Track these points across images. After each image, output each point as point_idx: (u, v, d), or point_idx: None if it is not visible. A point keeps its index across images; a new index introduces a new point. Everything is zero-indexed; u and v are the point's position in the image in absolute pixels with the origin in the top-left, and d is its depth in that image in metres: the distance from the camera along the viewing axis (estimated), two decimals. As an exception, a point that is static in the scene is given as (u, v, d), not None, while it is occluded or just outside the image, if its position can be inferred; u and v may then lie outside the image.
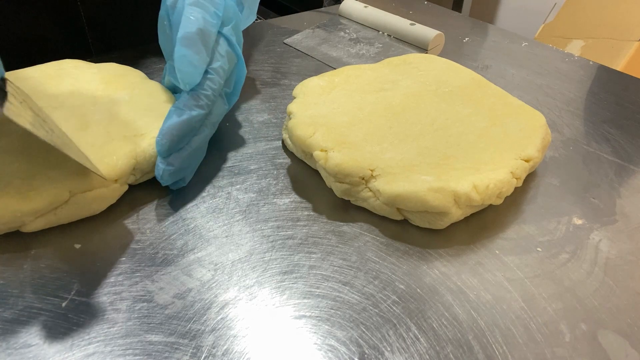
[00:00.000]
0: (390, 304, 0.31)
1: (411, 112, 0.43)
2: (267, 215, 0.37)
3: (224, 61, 0.39)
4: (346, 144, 0.38)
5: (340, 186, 0.37)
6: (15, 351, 0.27)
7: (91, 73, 0.44)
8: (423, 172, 0.36)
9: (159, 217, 0.37)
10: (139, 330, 0.29)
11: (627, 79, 0.60)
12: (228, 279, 0.32)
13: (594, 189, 0.42)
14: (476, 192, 0.35)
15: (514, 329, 0.30)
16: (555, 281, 0.33)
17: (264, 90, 0.53)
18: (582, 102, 0.55)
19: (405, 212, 0.37)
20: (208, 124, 0.39)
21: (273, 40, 0.66)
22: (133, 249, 0.34)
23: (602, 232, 0.37)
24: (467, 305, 0.31)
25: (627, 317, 0.31)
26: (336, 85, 0.46)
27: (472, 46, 0.67)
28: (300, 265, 0.33)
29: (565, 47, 1.30)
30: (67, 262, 0.33)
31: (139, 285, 0.31)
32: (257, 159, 0.43)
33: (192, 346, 0.28)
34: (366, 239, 0.36)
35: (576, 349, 0.29)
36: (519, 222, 0.38)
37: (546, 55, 0.65)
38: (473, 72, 0.49)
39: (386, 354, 0.28)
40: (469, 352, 0.29)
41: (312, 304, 0.31)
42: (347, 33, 0.66)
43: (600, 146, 0.47)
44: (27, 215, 0.33)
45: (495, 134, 0.40)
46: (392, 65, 0.50)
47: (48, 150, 0.36)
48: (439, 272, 0.34)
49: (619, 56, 1.17)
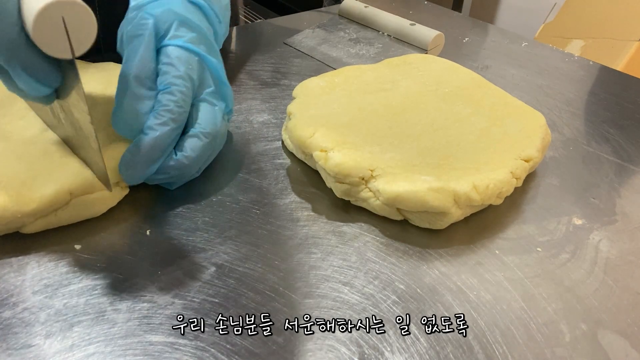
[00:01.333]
0: (390, 304, 0.31)
1: (411, 113, 0.43)
2: (267, 216, 0.37)
3: (175, 68, 0.36)
4: (346, 144, 0.38)
5: (340, 186, 0.37)
6: (15, 351, 0.27)
7: (90, 73, 0.44)
8: (423, 172, 0.36)
9: (159, 218, 0.37)
10: (139, 330, 0.29)
11: (627, 79, 0.60)
12: (228, 279, 0.32)
13: (594, 189, 0.41)
14: (476, 192, 0.35)
15: (514, 329, 0.30)
16: (555, 281, 0.33)
17: (264, 90, 0.53)
18: (582, 102, 0.55)
19: (405, 212, 0.37)
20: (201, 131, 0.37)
21: (273, 40, 0.66)
22: (133, 249, 0.34)
23: (602, 232, 0.37)
24: (467, 305, 0.31)
25: (627, 317, 0.31)
26: (336, 86, 0.46)
27: (472, 46, 0.67)
28: (300, 265, 0.33)
29: (565, 47, 1.30)
30: (67, 263, 0.33)
31: (139, 285, 0.31)
32: (257, 159, 0.43)
33: (192, 346, 0.28)
34: (366, 239, 0.36)
35: (576, 349, 0.29)
36: (519, 222, 0.38)
37: (546, 55, 0.65)
38: (473, 72, 0.49)
39: (386, 354, 0.28)
40: (469, 352, 0.29)
41: (312, 304, 0.31)
42: (347, 33, 0.66)
43: (600, 146, 0.47)
44: (27, 217, 0.33)
45: (495, 134, 0.40)
46: (392, 66, 0.50)
47: (49, 152, 0.36)
48: (439, 272, 0.34)
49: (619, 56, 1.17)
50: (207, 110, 0.38)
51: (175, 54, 0.36)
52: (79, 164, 0.35)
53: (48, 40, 0.27)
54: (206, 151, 0.38)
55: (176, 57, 0.36)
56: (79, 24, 0.27)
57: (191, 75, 0.37)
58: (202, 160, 0.38)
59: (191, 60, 0.37)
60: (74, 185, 0.34)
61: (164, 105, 0.35)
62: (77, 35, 0.28)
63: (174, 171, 0.36)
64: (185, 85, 0.36)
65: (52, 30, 0.27)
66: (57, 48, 0.28)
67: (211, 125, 0.38)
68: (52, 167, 0.35)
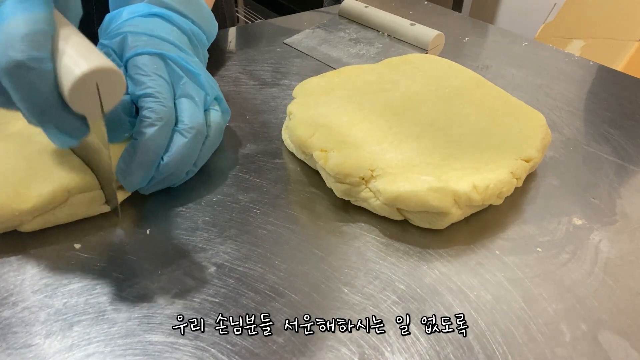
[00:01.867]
0: (391, 304, 0.31)
1: (411, 112, 0.43)
2: (267, 215, 0.37)
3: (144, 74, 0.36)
4: (346, 144, 0.38)
5: (341, 186, 0.37)
6: (15, 351, 0.27)
7: None
8: (423, 172, 0.36)
9: (159, 217, 0.37)
10: (139, 330, 0.29)
11: (627, 79, 0.60)
12: (228, 279, 0.32)
13: (594, 189, 0.41)
14: (476, 192, 0.35)
15: (514, 329, 0.30)
16: (555, 281, 0.33)
17: (264, 90, 0.53)
18: (582, 102, 0.55)
19: (406, 212, 0.37)
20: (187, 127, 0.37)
21: (273, 40, 0.66)
22: (133, 248, 0.34)
23: (602, 232, 0.37)
24: (467, 305, 0.31)
25: (627, 317, 0.31)
26: (336, 86, 0.46)
27: (472, 46, 0.67)
28: (300, 265, 0.33)
29: (565, 47, 1.30)
30: (67, 262, 0.33)
31: (139, 285, 0.31)
32: (257, 160, 0.43)
33: (192, 346, 0.28)
34: (366, 239, 0.36)
35: (576, 349, 0.29)
36: (519, 223, 0.38)
37: (546, 55, 0.65)
38: (473, 72, 0.49)
39: (386, 354, 0.28)
40: (469, 352, 0.29)
41: (312, 304, 0.31)
42: (347, 33, 0.66)
43: (600, 146, 0.47)
44: (25, 215, 0.32)
45: (495, 134, 0.40)
46: (392, 66, 0.50)
47: (47, 151, 0.36)
48: (439, 272, 0.34)
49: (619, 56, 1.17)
50: (186, 105, 0.37)
51: (140, 62, 0.37)
52: (77, 162, 0.35)
53: (82, 103, 0.28)
54: (194, 146, 0.37)
55: (142, 64, 0.37)
56: (111, 86, 0.29)
57: (161, 75, 0.37)
58: (193, 156, 0.38)
59: (155, 62, 0.37)
60: (71, 183, 0.34)
61: (147, 109, 0.35)
62: (107, 95, 0.29)
63: (165, 174, 0.36)
64: (160, 84, 0.36)
65: (87, 94, 0.28)
66: (89, 109, 0.29)
67: (191, 119, 0.37)
68: (50, 165, 0.35)
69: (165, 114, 0.35)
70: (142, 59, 0.37)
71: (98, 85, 0.28)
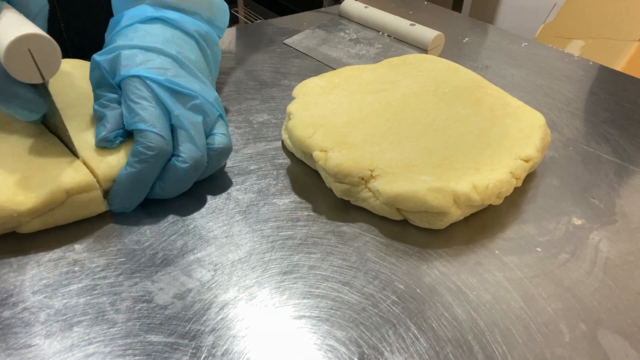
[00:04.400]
0: (390, 304, 0.31)
1: (411, 113, 0.43)
2: (266, 216, 0.37)
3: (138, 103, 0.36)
4: (346, 144, 0.38)
5: (340, 186, 0.37)
6: (15, 351, 0.27)
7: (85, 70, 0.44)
8: (423, 172, 0.36)
9: (159, 218, 0.37)
10: (139, 330, 0.29)
11: (627, 79, 0.60)
12: (228, 280, 0.32)
13: (593, 189, 0.41)
14: (476, 192, 0.35)
15: (513, 329, 0.30)
16: (555, 281, 0.33)
17: (263, 91, 0.53)
18: (582, 102, 0.55)
19: (405, 212, 0.37)
20: None
21: (273, 40, 0.66)
22: (133, 249, 0.34)
23: (602, 232, 0.37)
24: (467, 305, 0.31)
25: (627, 317, 0.31)
26: (336, 86, 0.46)
27: (472, 46, 0.67)
28: (300, 265, 0.33)
29: (565, 47, 1.30)
30: (67, 263, 0.33)
31: (139, 285, 0.31)
32: (257, 160, 0.43)
33: (192, 346, 0.28)
34: (366, 239, 0.36)
35: (576, 349, 0.29)
36: (518, 222, 0.38)
37: (546, 55, 0.65)
38: (473, 73, 0.49)
39: (386, 354, 0.28)
40: (469, 352, 0.29)
41: (311, 304, 0.31)
42: (347, 33, 0.66)
43: (600, 146, 0.47)
44: (23, 216, 0.32)
45: (494, 134, 0.40)
46: (392, 66, 0.50)
47: (46, 152, 0.36)
48: (439, 272, 0.34)
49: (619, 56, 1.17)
50: (183, 137, 0.36)
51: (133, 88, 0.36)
52: (76, 163, 0.35)
53: (19, 68, 0.32)
54: (190, 176, 0.37)
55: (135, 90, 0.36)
56: (45, 53, 0.32)
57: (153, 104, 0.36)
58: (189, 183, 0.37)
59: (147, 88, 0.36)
60: (70, 184, 0.34)
61: (140, 144, 0.35)
62: (44, 62, 0.32)
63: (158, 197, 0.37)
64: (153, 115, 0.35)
65: (21, 60, 0.32)
66: (28, 75, 0.32)
67: (188, 153, 0.36)
68: (48, 167, 0.35)
69: (159, 149, 0.35)
70: (135, 83, 0.36)
71: (31, 52, 0.31)
